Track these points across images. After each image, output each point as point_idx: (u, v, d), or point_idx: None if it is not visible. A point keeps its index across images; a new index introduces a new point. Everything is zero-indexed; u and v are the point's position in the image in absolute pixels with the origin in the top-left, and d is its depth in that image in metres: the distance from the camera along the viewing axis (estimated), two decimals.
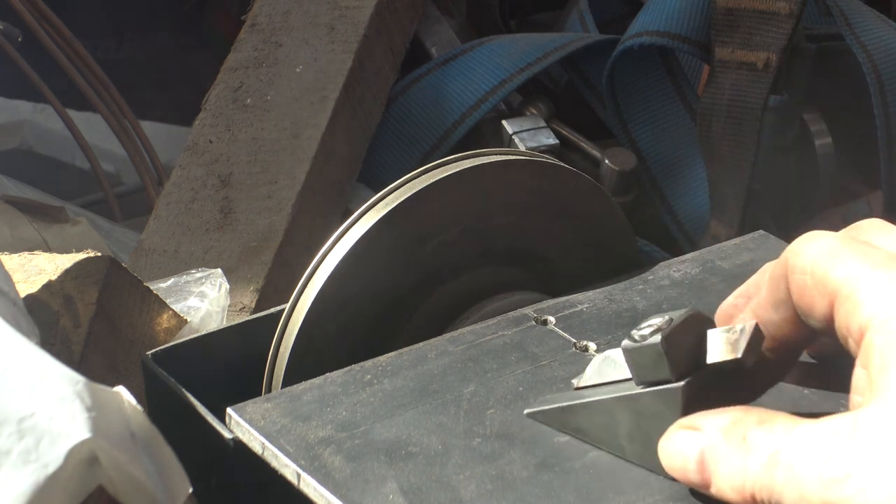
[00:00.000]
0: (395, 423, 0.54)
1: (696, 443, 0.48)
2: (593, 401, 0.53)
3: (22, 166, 1.48)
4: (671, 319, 0.50)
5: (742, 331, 0.50)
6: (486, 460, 0.52)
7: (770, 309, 0.51)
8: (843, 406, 0.50)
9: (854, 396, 0.46)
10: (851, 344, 0.46)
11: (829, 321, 0.47)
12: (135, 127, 1.36)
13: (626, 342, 0.51)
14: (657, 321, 0.50)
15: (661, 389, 0.50)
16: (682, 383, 0.49)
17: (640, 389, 0.51)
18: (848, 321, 0.46)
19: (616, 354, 0.53)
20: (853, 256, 0.47)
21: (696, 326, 0.51)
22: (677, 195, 1.21)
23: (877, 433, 0.42)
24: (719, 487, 0.47)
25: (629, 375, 0.51)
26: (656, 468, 0.50)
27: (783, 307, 0.50)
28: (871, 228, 0.50)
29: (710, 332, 0.51)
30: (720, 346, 0.50)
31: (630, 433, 0.51)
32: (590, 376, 0.54)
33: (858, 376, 0.46)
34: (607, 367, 0.53)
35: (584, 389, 0.54)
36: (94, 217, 1.21)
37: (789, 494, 0.44)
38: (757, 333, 0.50)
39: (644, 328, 0.50)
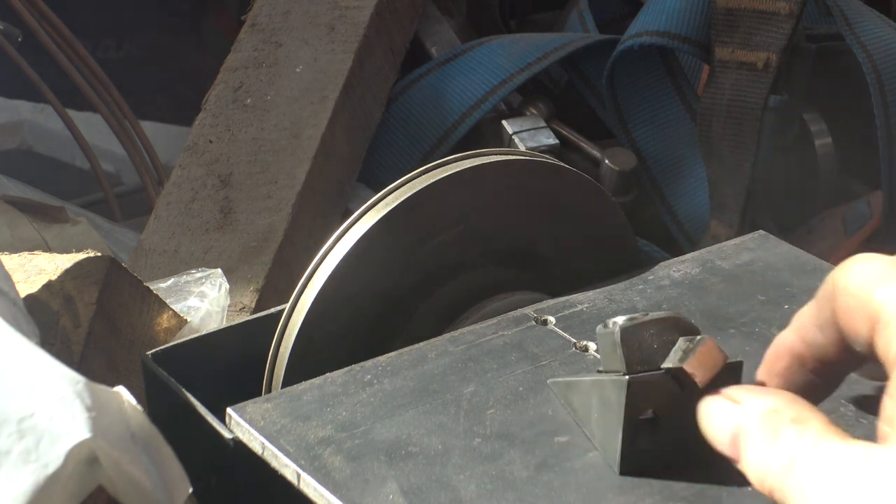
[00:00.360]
0: (395, 423, 0.54)
1: (733, 417, 0.47)
2: (576, 380, 0.53)
3: (22, 166, 1.48)
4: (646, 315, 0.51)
5: (699, 342, 0.50)
6: (486, 460, 0.52)
7: (815, 330, 0.50)
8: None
9: (882, 425, 0.45)
10: (889, 370, 0.45)
11: (872, 346, 0.46)
12: (135, 127, 1.36)
13: (599, 327, 0.51)
14: (637, 315, 0.51)
15: (615, 379, 0.50)
16: (626, 377, 0.50)
17: (604, 377, 0.51)
18: (886, 348, 0.45)
19: None
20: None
21: (670, 329, 0.51)
22: (677, 195, 1.21)
23: (883, 473, 0.42)
24: (745, 469, 0.47)
25: None
26: (611, 460, 0.51)
27: (829, 329, 0.49)
28: None
29: (681, 339, 0.51)
30: (677, 354, 0.50)
31: (597, 420, 0.52)
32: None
33: (888, 406, 0.45)
34: None
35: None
36: (94, 217, 1.21)
37: (799, 501, 0.44)
38: (708, 347, 0.50)
39: (622, 319, 0.50)
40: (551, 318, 0.62)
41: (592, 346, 0.60)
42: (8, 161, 1.50)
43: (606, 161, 1.17)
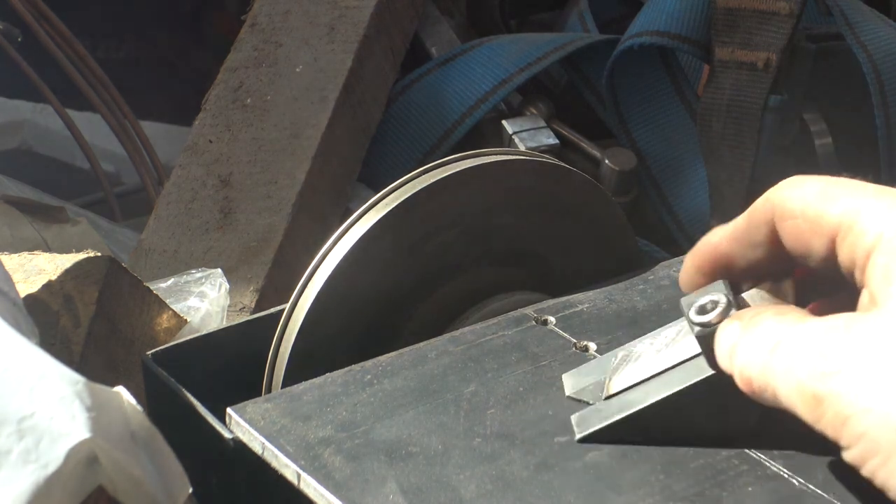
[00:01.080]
0: (396, 423, 0.54)
1: (731, 334, 0.49)
2: (665, 398, 0.52)
3: (22, 166, 1.48)
4: (717, 300, 0.51)
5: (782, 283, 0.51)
6: (486, 460, 0.52)
7: (748, 248, 0.52)
8: None
9: (863, 295, 0.47)
10: (857, 274, 0.47)
11: (829, 260, 0.49)
12: (135, 127, 1.36)
13: (698, 329, 0.51)
14: (707, 307, 0.51)
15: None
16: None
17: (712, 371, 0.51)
18: (853, 253, 0.47)
19: (633, 351, 0.54)
20: (846, 193, 0.48)
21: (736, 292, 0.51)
22: (677, 195, 1.21)
23: (869, 335, 0.44)
24: (735, 376, 0.48)
25: (669, 364, 0.52)
26: (739, 433, 0.51)
27: (762, 248, 0.51)
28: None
29: (746, 294, 0.51)
30: (765, 300, 0.51)
31: (709, 412, 0.51)
32: (618, 380, 0.54)
33: (863, 297, 0.47)
34: (633, 366, 0.54)
35: (624, 393, 0.53)
36: (95, 217, 1.21)
37: (784, 383, 0.45)
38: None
39: (701, 316, 0.50)
40: (551, 318, 0.62)
41: (592, 346, 0.60)
42: (8, 161, 1.49)
43: (606, 161, 1.17)
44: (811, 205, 0.49)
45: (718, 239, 0.53)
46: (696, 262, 0.54)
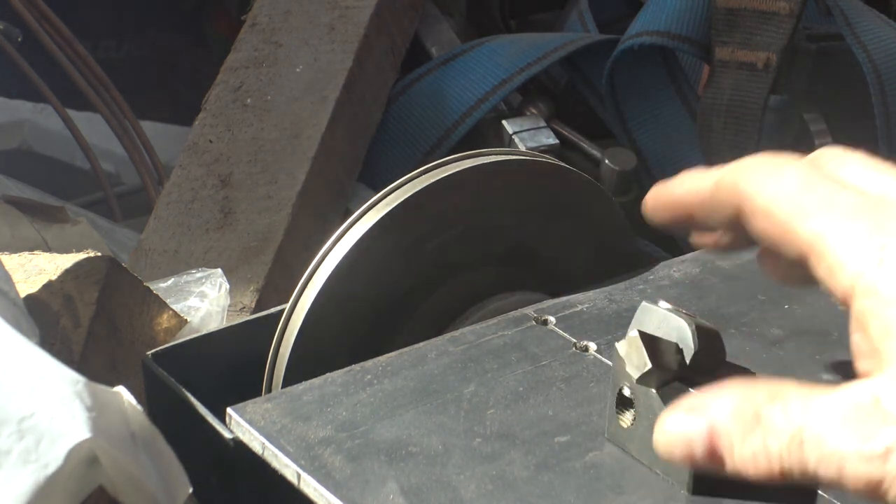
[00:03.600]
0: (396, 423, 0.54)
1: (699, 425, 0.45)
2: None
3: (22, 166, 1.48)
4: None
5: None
6: (486, 460, 0.52)
7: (710, 215, 0.50)
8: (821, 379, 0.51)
9: (860, 362, 0.44)
10: (841, 304, 0.45)
11: (802, 262, 0.46)
12: (135, 127, 1.36)
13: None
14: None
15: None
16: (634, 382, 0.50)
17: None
18: (830, 282, 0.44)
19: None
20: (820, 207, 0.45)
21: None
22: None
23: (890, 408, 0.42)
24: (737, 468, 0.45)
25: None
26: (680, 482, 0.51)
27: (724, 223, 0.49)
28: (831, 159, 0.48)
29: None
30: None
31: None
32: None
33: (857, 342, 0.44)
34: None
35: None
36: (95, 217, 1.21)
37: (826, 469, 0.43)
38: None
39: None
40: (551, 318, 0.62)
41: (593, 346, 0.60)
42: (8, 161, 1.49)
43: (606, 161, 1.17)
44: (782, 211, 0.46)
45: (685, 192, 0.51)
46: (661, 199, 0.52)
